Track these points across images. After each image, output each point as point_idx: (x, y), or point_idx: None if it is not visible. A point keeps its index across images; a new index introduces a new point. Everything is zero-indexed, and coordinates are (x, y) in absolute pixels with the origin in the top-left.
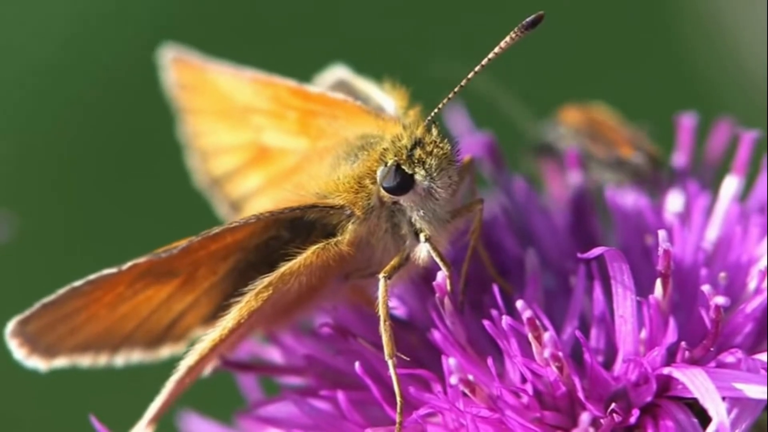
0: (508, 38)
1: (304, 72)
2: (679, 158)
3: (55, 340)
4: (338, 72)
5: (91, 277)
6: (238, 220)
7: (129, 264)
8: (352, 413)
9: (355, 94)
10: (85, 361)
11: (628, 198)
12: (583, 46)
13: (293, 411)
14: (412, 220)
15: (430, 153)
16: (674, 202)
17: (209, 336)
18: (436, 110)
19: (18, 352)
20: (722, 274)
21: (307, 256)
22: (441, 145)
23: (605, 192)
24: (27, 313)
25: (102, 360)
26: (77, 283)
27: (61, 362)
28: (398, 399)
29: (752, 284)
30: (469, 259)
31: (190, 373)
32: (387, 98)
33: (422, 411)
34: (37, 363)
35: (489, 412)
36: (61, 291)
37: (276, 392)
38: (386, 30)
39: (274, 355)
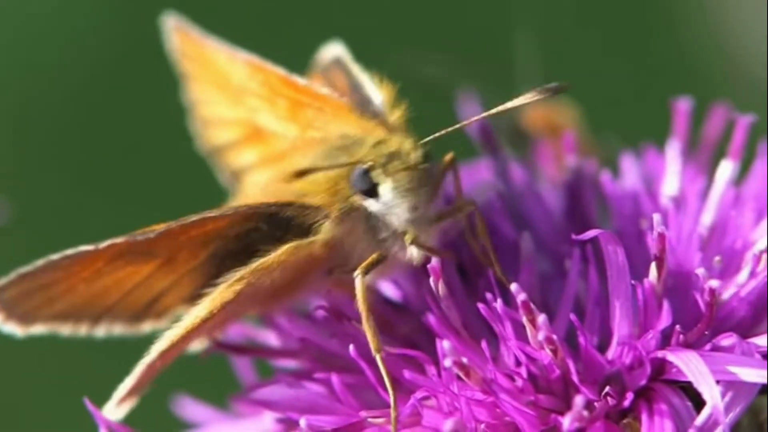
0: (523, 98)
1: (305, 55)
2: (675, 143)
3: (33, 308)
4: (335, 49)
5: (69, 252)
6: (215, 211)
7: (106, 243)
8: (346, 396)
9: (348, 75)
10: (64, 329)
11: (624, 182)
12: (584, 41)
13: (288, 394)
14: (390, 223)
15: (405, 168)
16: (669, 186)
17: (181, 323)
18: (428, 139)
19: None
20: (717, 258)
21: (279, 254)
22: (418, 161)
23: (600, 176)
24: (3, 280)
25: (82, 330)
26: (54, 257)
27: (39, 329)
28: (390, 392)
29: (747, 268)
30: (482, 257)
31: (162, 358)
32: (376, 91)
33: (419, 394)
34: (14, 328)
35: (483, 396)
36: (38, 262)
37: (270, 375)
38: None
39: (269, 337)
